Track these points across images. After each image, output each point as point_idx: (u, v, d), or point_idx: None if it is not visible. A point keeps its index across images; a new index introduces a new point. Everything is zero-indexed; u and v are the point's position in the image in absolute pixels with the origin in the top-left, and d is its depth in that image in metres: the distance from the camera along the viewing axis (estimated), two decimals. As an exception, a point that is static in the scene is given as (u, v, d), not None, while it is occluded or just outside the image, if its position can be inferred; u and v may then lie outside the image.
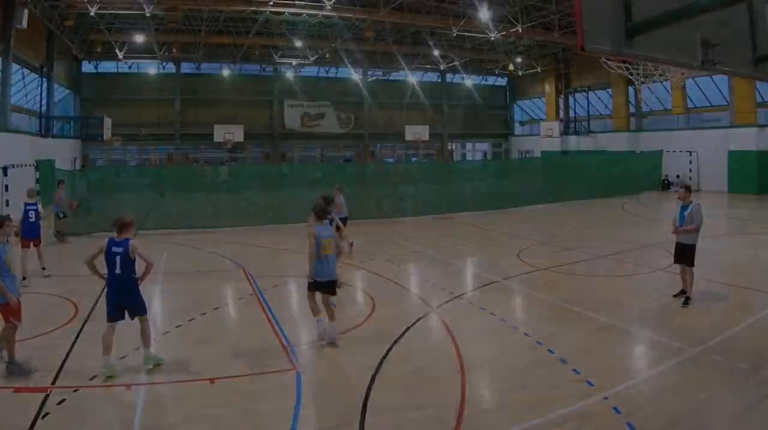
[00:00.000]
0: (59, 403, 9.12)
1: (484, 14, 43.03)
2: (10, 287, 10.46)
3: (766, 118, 43.04)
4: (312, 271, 12.24)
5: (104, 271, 10.70)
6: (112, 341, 10.52)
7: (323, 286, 12.33)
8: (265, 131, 65.32)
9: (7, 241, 10.70)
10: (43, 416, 8.69)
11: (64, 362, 10.89)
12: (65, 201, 24.91)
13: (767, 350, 11.35)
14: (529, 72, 64.68)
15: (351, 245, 21.89)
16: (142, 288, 10.95)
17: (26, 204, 18.80)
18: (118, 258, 10.56)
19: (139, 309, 10.88)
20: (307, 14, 45.98)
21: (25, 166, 30.12)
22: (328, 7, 42.49)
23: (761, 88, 42.27)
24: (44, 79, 46.19)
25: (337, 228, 15.78)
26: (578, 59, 61.53)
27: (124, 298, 10.76)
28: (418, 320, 13.68)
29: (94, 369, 10.40)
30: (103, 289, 11.05)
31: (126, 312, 10.82)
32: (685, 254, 14.64)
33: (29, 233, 18.28)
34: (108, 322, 10.63)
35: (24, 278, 17.32)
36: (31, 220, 18.46)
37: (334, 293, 12.67)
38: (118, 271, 10.60)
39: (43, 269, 18.51)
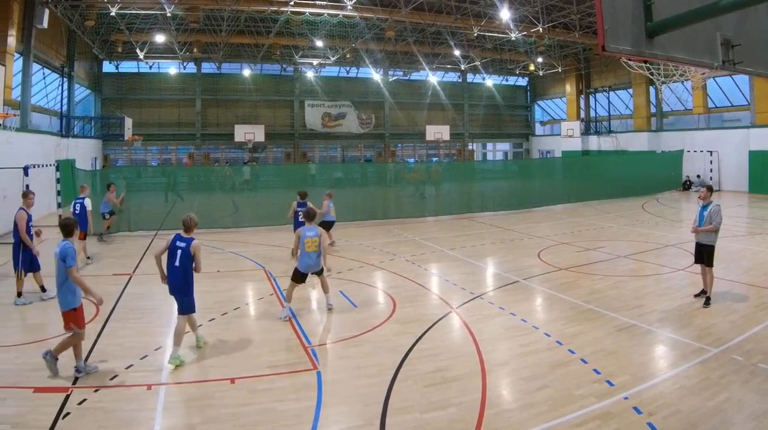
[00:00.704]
0: (80, 403, 9.19)
1: (504, 14, 43.09)
2: (78, 293, 10.50)
3: (787, 118, 42.77)
4: (298, 262, 14.35)
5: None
6: (182, 331, 11.37)
7: (304, 277, 14.38)
8: (286, 131, 65.52)
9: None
10: (64, 416, 8.74)
11: (84, 362, 10.77)
12: (115, 201, 25.60)
13: (788, 350, 11.31)
14: (549, 72, 64.30)
15: (332, 243, 22.92)
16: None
17: (76, 198, 21.27)
18: (179, 252, 11.38)
19: (185, 307, 11.49)
20: (328, 14, 46.13)
21: (46, 166, 30.25)
22: (349, 7, 42.65)
23: (782, 88, 42.03)
24: (65, 79, 46.55)
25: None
26: (599, 59, 61.55)
27: (176, 293, 11.51)
28: (438, 320, 13.70)
29: (114, 369, 10.52)
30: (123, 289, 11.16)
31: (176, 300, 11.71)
32: (704, 254, 14.64)
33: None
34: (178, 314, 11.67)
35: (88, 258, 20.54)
36: (76, 212, 20.45)
37: (319, 274, 14.57)
38: (176, 263, 11.37)
39: (88, 258, 20.78)
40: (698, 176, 47.16)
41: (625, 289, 16.45)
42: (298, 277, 14.32)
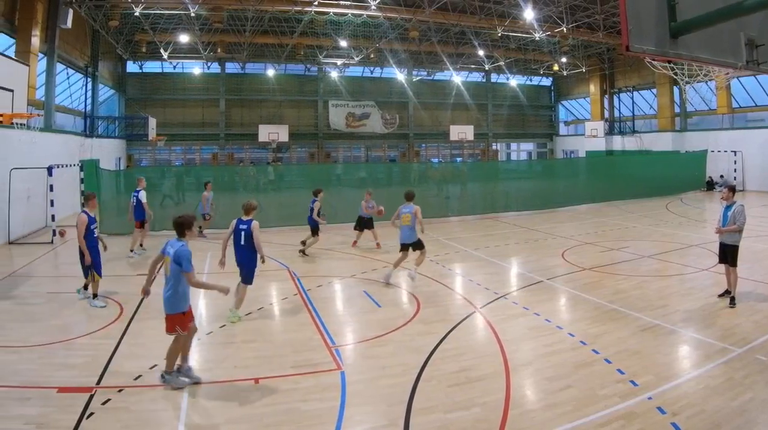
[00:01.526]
0: (104, 403, 9.24)
1: (528, 14, 43.03)
2: (189, 296, 10.42)
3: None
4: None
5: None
6: (243, 297, 14.14)
7: (403, 247, 17.48)
8: (310, 131, 65.60)
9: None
10: (88, 416, 8.79)
11: (108, 362, 11.01)
12: (212, 203, 26.47)
13: (813, 351, 11.26)
14: (573, 72, 64.21)
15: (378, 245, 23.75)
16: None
17: (134, 191, 22.64)
18: (242, 233, 13.94)
19: (245, 278, 14.10)
20: (352, 14, 46.23)
21: (70, 166, 30.39)
22: (373, 7, 42.73)
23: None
24: (89, 79, 47.01)
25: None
26: (623, 59, 61.24)
27: (242, 266, 14.11)
28: (462, 320, 13.72)
29: (138, 369, 10.60)
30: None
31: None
32: (728, 254, 14.62)
33: (135, 215, 22.07)
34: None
35: (131, 251, 21.86)
36: (133, 204, 22.19)
37: (414, 249, 17.51)
38: (242, 242, 13.96)
39: (140, 245, 22.49)
40: (721, 176, 46.85)
41: (649, 289, 16.40)
42: (400, 247, 17.64)
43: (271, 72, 63.31)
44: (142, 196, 22.16)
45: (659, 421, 8.51)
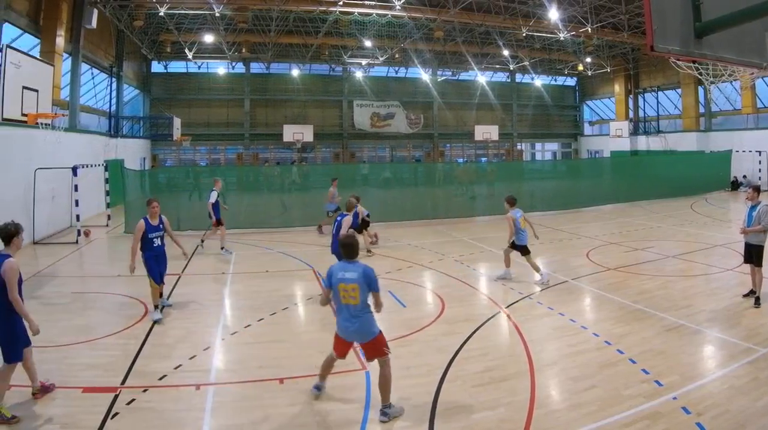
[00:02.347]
0: (129, 403, 9.32)
1: (553, 14, 42.98)
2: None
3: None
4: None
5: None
6: None
7: (518, 248, 17.81)
8: (335, 131, 65.87)
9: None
10: (113, 416, 8.86)
11: (133, 362, 11.11)
12: (337, 198, 26.79)
13: (840, 351, 11.21)
14: (598, 72, 63.88)
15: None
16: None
17: (210, 190, 23.39)
18: (336, 224, 16.77)
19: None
20: (377, 14, 46.40)
21: (95, 166, 30.55)
22: (398, 7, 42.80)
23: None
24: (113, 79, 47.34)
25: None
26: (648, 59, 60.94)
27: (338, 254, 14.61)
28: (487, 320, 13.76)
29: (163, 369, 10.74)
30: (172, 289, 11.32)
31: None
32: (753, 254, 14.57)
33: (213, 214, 22.74)
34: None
35: (222, 248, 22.65)
36: (212, 202, 22.76)
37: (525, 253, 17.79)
38: (334, 232, 16.43)
39: (222, 248, 22.99)
40: (744, 177, 46.59)
41: (674, 289, 16.35)
42: (522, 250, 17.87)
43: (295, 72, 63.49)
44: (213, 196, 22.68)
45: (684, 421, 8.50)
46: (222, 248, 22.69)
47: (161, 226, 14.75)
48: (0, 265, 8.70)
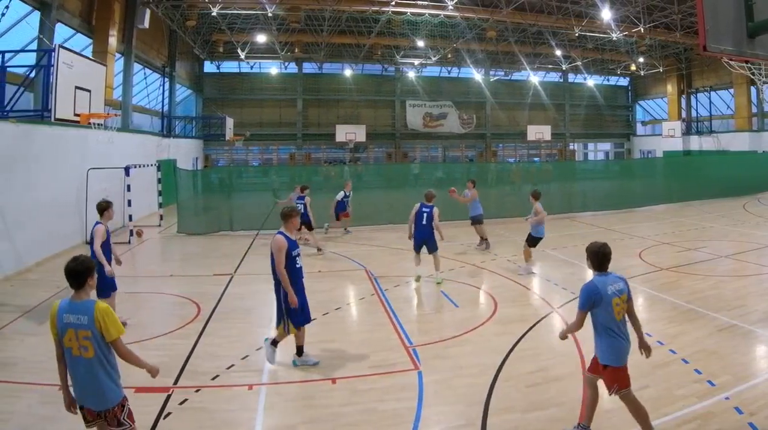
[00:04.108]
0: (181, 403, 9.43)
1: (606, 14, 42.68)
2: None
3: None
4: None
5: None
6: (419, 261, 17.80)
7: (532, 238, 19.26)
8: (387, 131, 66.10)
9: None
10: (166, 416, 9.01)
11: (186, 362, 11.24)
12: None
13: None
14: (650, 72, 63.34)
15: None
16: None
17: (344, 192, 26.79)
18: (425, 215, 17.31)
19: (434, 248, 17.57)
20: (429, 14, 46.40)
21: (147, 166, 30.78)
22: (450, 7, 42.86)
23: None
24: (166, 79, 47.97)
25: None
26: (700, 59, 60.16)
27: (426, 242, 17.49)
28: (540, 320, 13.81)
29: (215, 369, 10.88)
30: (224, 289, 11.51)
31: (425, 247, 17.59)
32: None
33: (337, 209, 26.64)
34: (414, 250, 17.83)
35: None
36: (339, 200, 26.70)
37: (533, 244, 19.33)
38: (423, 222, 17.30)
39: (345, 229, 27.55)
40: (791, 176, 46.03)
41: (726, 289, 16.24)
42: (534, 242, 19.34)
43: (348, 72, 63.92)
44: (339, 195, 26.64)
45: (736, 421, 8.46)
46: (345, 229, 27.41)
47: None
48: (93, 228, 13.04)
